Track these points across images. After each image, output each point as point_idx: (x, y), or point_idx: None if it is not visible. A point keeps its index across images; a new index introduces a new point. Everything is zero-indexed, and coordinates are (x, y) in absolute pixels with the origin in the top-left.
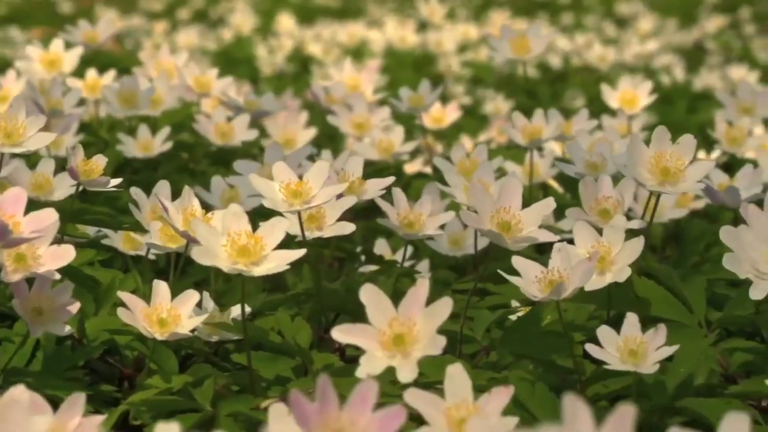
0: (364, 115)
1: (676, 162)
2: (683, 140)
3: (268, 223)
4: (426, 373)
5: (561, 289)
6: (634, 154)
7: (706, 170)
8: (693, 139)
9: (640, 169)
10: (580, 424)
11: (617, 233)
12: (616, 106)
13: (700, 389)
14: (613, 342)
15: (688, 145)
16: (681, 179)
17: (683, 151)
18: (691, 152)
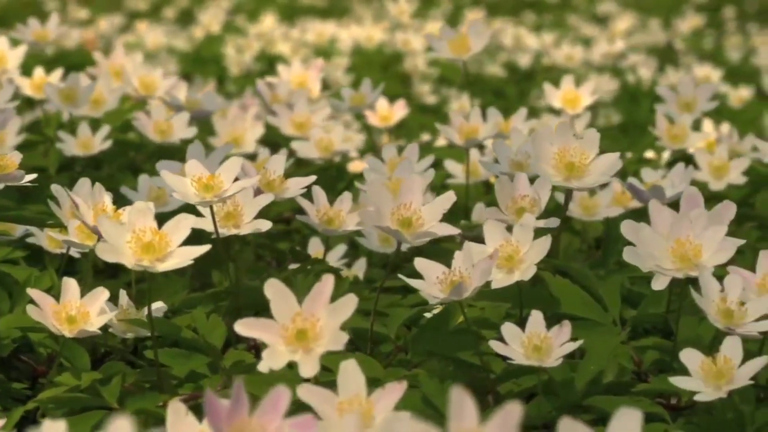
0: (304, 114)
1: (581, 157)
2: (587, 135)
3: (174, 219)
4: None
5: (461, 289)
6: (538, 150)
7: (612, 164)
8: (597, 134)
9: (545, 165)
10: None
11: (526, 232)
12: (559, 105)
13: (610, 387)
14: (518, 338)
15: (592, 139)
16: (586, 174)
17: (587, 146)
18: (595, 147)
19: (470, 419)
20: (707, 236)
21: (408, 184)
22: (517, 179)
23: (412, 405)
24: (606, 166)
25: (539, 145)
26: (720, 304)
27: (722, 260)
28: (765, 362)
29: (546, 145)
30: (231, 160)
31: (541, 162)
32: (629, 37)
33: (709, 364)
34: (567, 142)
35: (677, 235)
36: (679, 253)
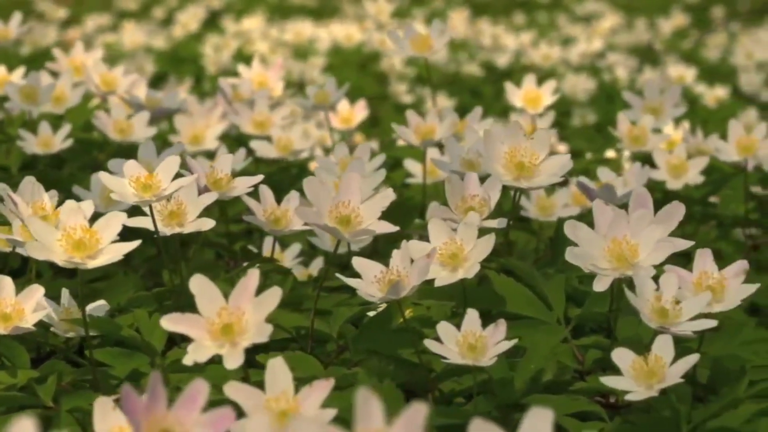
0: (264, 113)
1: (531, 157)
2: (538, 135)
3: (105, 217)
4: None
5: (399, 287)
6: (489, 149)
7: (562, 165)
8: (548, 134)
9: (495, 164)
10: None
11: (470, 230)
12: (520, 105)
13: (549, 386)
14: (453, 337)
15: (543, 140)
16: (536, 174)
17: (538, 147)
18: (546, 147)
19: (376, 420)
20: (644, 236)
21: (346, 182)
22: (467, 179)
23: (350, 403)
24: (556, 167)
25: (490, 145)
26: (654, 303)
27: (659, 260)
28: (695, 360)
29: (497, 145)
30: (168, 159)
31: (492, 161)
32: (613, 36)
33: (641, 363)
34: (518, 142)
35: (614, 234)
36: (615, 252)
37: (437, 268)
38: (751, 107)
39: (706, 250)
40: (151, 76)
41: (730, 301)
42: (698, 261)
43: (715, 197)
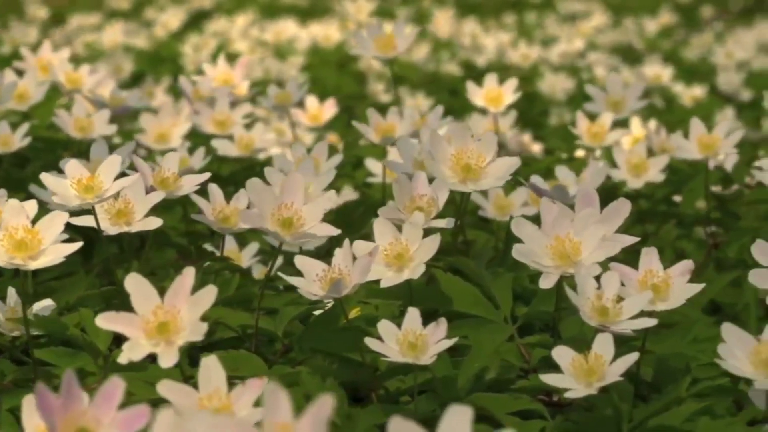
0: (225, 112)
1: (478, 159)
2: (485, 137)
3: (47, 217)
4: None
5: (340, 286)
6: (436, 151)
7: (510, 167)
8: (494, 136)
9: (442, 166)
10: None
11: (415, 230)
12: (481, 104)
13: (492, 384)
14: (394, 335)
15: (490, 141)
16: (482, 176)
17: (484, 148)
18: (492, 149)
19: (284, 414)
20: (587, 234)
21: (289, 183)
22: (416, 179)
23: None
24: (503, 169)
25: (437, 146)
26: (595, 301)
27: (602, 258)
28: (635, 359)
29: (443, 146)
30: (109, 159)
31: (439, 163)
32: (597, 35)
33: (581, 361)
34: (465, 143)
35: (557, 232)
36: (558, 250)
37: (383, 269)
38: (729, 106)
39: (652, 249)
40: (129, 75)
41: (675, 300)
42: (644, 259)
43: (678, 196)
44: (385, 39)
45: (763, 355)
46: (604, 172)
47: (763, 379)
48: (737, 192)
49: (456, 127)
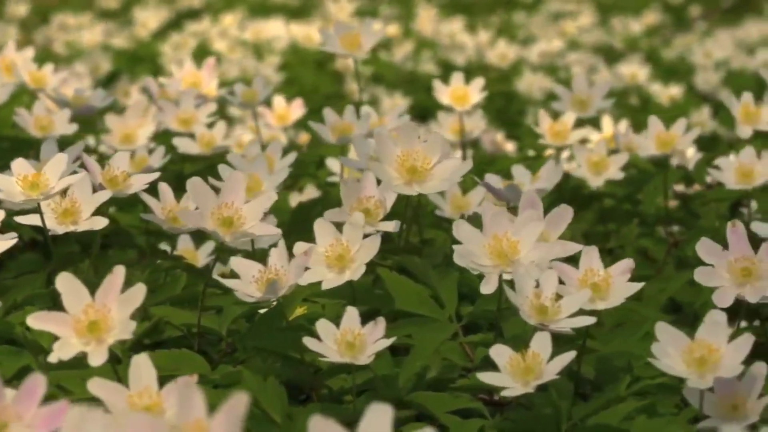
0: (189, 110)
1: (424, 161)
2: (431, 138)
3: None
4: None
5: (276, 287)
6: (381, 152)
7: (457, 169)
8: (441, 137)
9: (387, 168)
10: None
11: (356, 231)
12: (447, 102)
13: (433, 383)
14: (332, 335)
15: (436, 143)
16: (428, 178)
17: (431, 150)
18: (439, 150)
19: (197, 411)
20: (525, 233)
21: (230, 182)
22: (364, 180)
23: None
24: (449, 171)
25: (382, 147)
26: (534, 300)
27: (540, 258)
28: (572, 357)
29: (389, 148)
30: (56, 157)
31: (384, 164)
32: (580, 35)
33: (518, 359)
34: (411, 144)
35: (495, 231)
36: (496, 249)
37: (324, 270)
38: (706, 105)
39: (593, 248)
40: (107, 74)
41: (615, 299)
42: (584, 259)
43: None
44: (351, 37)
45: (696, 354)
46: (560, 171)
47: (696, 378)
48: (700, 191)
49: (403, 127)
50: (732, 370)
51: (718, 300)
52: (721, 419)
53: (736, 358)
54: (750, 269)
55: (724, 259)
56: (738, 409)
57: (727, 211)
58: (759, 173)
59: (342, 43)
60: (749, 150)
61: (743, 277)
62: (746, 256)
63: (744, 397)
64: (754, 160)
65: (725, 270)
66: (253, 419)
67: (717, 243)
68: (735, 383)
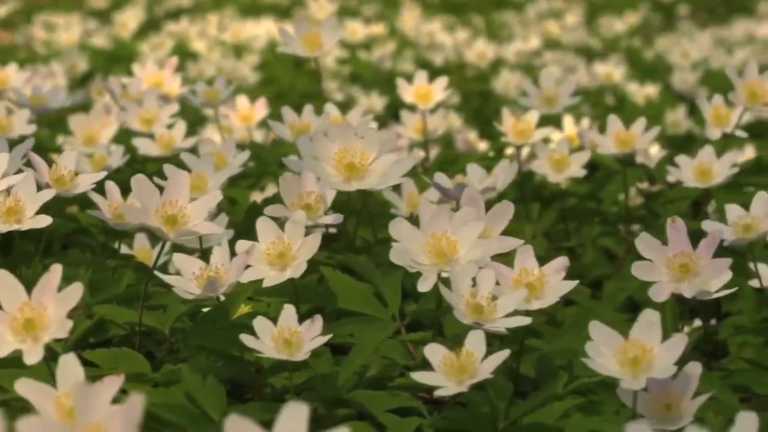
0: (152, 110)
1: (362, 158)
2: (368, 135)
3: None
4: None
5: (215, 285)
6: (319, 150)
7: (395, 164)
8: (378, 134)
9: (325, 165)
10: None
11: (298, 228)
12: (411, 100)
13: (374, 381)
14: (269, 332)
15: (373, 139)
16: (366, 175)
17: (368, 147)
18: (376, 146)
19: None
20: (464, 232)
21: (174, 180)
22: (304, 176)
23: (174, 400)
24: (387, 167)
25: (320, 144)
26: (470, 299)
27: (479, 257)
28: (506, 356)
29: (327, 145)
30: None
31: (322, 162)
32: (565, 34)
33: (452, 358)
34: (348, 141)
35: (433, 230)
36: (434, 248)
37: (266, 268)
38: (682, 105)
39: (528, 247)
40: (83, 73)
41: (550, 298)
42: (519, 258)
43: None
44: (311, 37)
45: (630, 354)
46: (515, 169)
47: (630, 378)
48: (663, 189)
49: (340, 125)
50: (665, 371)
51: (655, 294)
52: (655, 419)
53: (670, 359)
54: (688, 265)
55: (663, 255)
56: (672, 409)
57: (689, 209)
58: (717, 172)
59: (302, 44)
60: (708, 149)
61: (681, 273)
62: (685, 252)
63: (678, 398)
64: (712, 158)
65: (664, 265)
66: (192, 418)
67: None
68: (669, 383)
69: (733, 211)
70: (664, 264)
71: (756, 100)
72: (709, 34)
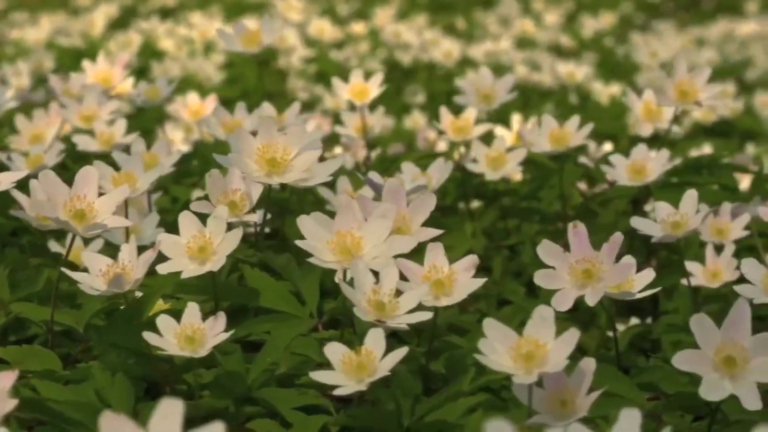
0: (92, 107)
1: (284, 153)
2: (291, 131)
3: None
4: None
5: (121, 281)
6: (241, 145)
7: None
8: (300, 129)
9: (247, 160)
10: None
11: (219, 224)
12: (347, 98)
13: (283, 379)
14: (172, 329)
15: (296, 135)
16: (288, 170)
17: (291, 142)
18: (300, 142)
19: None
20: (370, 229)
21: (83, 175)
22: (230, 173)
23: (84, 398)
24: (308, 163)
25: (242, 140)
26: (371, 296)
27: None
28: (404, 354)
29: (249, 141)
30: None
31: (244, 157)
32: (540, 33)
33: (350, 357)
34: (271, 137)
35: (339, 227)
36: (339, 245)
37: (186, 261)
38: None
39: (438, 245)
40: (49, 72)
41: (458, 295)
42: (429, 255)
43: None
44: (250, 35)
45: (523, 350)
46: (449, 167)
47: (523, 374)
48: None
49: (263, 121)
50: (557, 366)
51: (558, 303)
52: (551, 415)
53: (562, 354)
54: (591, 271)
55: (566, 262)
56: (567, 405)
57: (629, 207)
58: (651, 170)
59: (242, 42)
60: (641, 147)
61: (584, 279)
62: (587, 257)
63: (573, 393)
64: (647, 156)
65: (566, 272)
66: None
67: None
68: (564, 379)
69: (663, 209)
70: (567, 270)
71: (686, 98)
72: (689, 33)
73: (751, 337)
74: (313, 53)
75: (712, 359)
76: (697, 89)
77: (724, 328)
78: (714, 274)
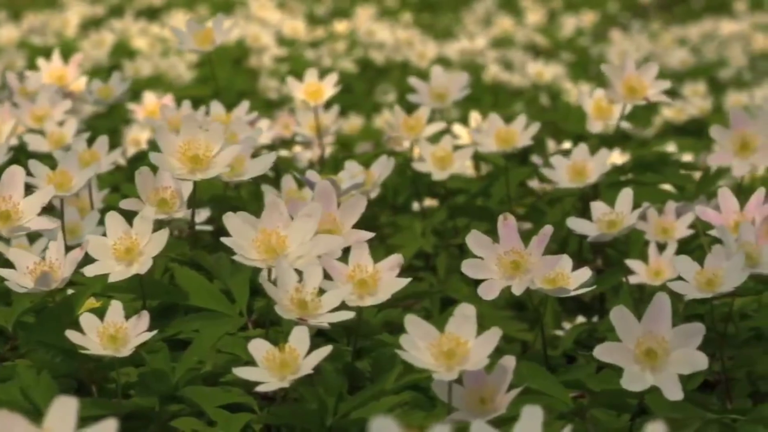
0: (45, 107)
1: (206, 150)
2: (212, 127)
3: None
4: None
5: (48, 279)
6: (163, 144)
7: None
8: (221, 126)
9: (170, 158)
10: None
11: (145, 224)
12: (302, 98)
13: (209, 377)
14: (95, 328)
15: (217, 132)
16: (210, 166)
17: (212, 139)
18: (220, 140)
19: None
20: (294, 228)
21: (9, 175)
22: (162, 171)
23: (9, 396)
24: (229, 158)
25: (164, 138)
26: (294, 294)
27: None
28: (327, 352)
29: (171, 139)
30: None
31: (166, 155)
32: (519, 32)
33: (274, 354)
34: (193, 134)
35: (263, 225)
36: (264, 243)
37: (112, 263)
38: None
39: (363, 244)
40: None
41: (383, 294)
42: (353, 254)
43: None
44: (203, 33)
45: (444, 347)
46: (391, 165)
47: (444, 371)
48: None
49: (184, 118)
50: (478, 364)
51: (484, 292)
52: (470, 412)
53: (484, 352)
54: (519, 262)
55: (494, 252)
56: (486, 403)
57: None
58: (591, 171)
59: (195, 40)
60: (582, 147)
61: (512, 270)
62: (516, 249)
63: (492, 391)
64: (587, 157)
65: (494, 263)
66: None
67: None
68: (483, 377)
69: (598, 209)
70: (495, 261)
71: (635, 95)
72: (672, 33)
73: (671, 330)
74: (284, 52)
75: (633, 351)
76: (645, 85)
77: (645, 320)
78: (656, 273)
